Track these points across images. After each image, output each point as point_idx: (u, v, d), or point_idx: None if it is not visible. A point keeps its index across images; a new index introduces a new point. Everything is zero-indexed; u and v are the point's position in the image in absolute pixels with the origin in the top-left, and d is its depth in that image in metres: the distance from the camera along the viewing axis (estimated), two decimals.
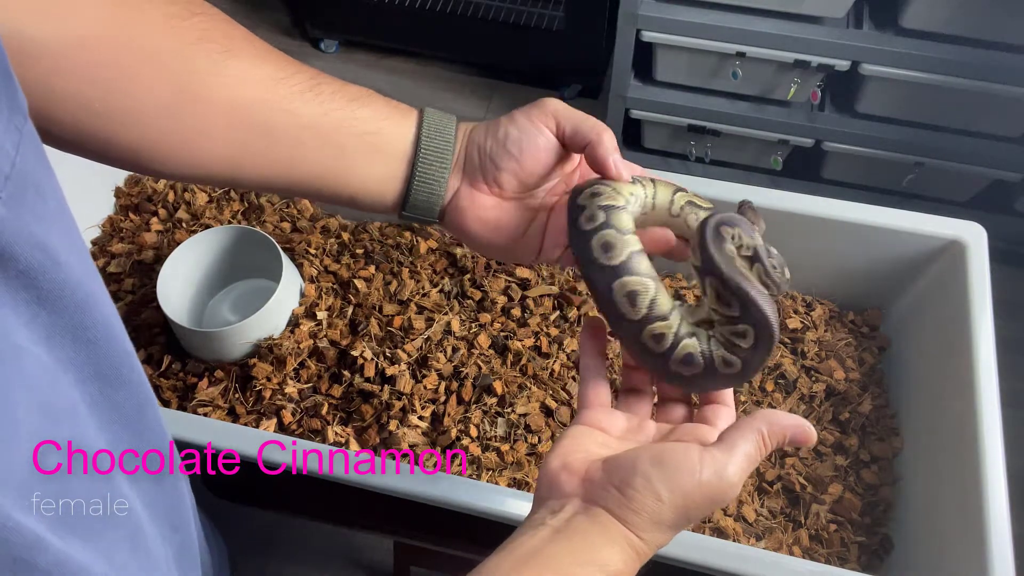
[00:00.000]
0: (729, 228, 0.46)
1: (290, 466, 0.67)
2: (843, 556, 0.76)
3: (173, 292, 0.84)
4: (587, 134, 0.49)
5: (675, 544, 0.63)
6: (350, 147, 0.49)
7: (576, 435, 0.46)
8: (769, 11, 1.46)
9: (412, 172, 0.50)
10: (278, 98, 0.47)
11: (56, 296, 0.29)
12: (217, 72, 0.46)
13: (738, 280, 0.43)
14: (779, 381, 0.84)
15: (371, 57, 2.07)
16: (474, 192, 0.51)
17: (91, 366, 0.32)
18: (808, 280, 0.91)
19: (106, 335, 0.33)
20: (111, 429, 0.34)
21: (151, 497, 0.39)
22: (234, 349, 0.81)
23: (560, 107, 0.50)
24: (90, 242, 0.93)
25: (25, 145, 0.29)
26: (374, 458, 0.67)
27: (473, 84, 2.04)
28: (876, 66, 1.45)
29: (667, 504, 0.40)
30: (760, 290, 0.44)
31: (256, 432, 0.70)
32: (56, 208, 0.31)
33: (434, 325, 0.84)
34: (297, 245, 0.90)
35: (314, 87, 0.49)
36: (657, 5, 1.49)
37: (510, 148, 0.50)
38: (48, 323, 0.29)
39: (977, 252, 0.78)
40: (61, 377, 0.30)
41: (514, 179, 0.51)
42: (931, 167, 1.60)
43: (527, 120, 0.50)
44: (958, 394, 0.73)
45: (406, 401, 0.79)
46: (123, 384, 0.35)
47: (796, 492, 0.78)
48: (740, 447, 0.42)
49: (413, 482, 0.66)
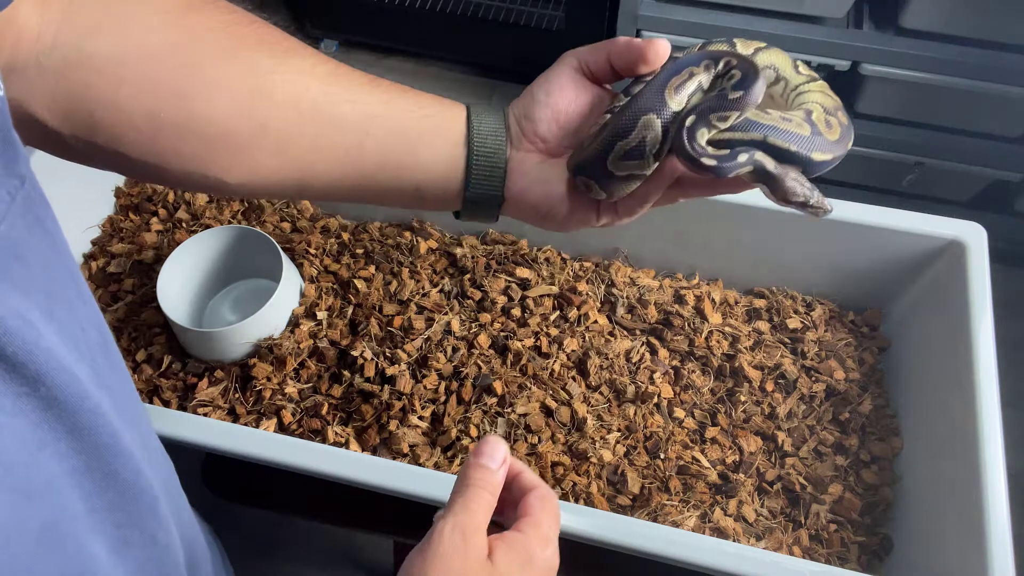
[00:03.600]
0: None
1: (290, 466, 0.67)
2: (843, 556, 0.76)
3: (173, 292, 0.84)
4: (603, 46, 0.48)
5: (675, 544, 0.63)
6: (414, 130, 0.49)
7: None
8: (769, 11, 1.46)
9: (471, 148, 0.50)
10: (341, 89, 0.48)
11: (42, 364, 0.29)
12: (281, 69, 0.46)
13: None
14: (779, 381, 0.84)
15: (371, 57, 2.07)
16: (520, 153, 0.51)
17: (80, 440, 0.32)
18: (808, 280, 0.91)
19: (96, 404, 0.32)
20: (105, 496, 0.34)
21: (142, 562, 0.38)
22: (234, 349, 0.81)
23: (578, 49, 0.50)
24: (90, 242, 0.93)
25: (14, 212, 0.29)
26: (374, 458, 0.67)
27: (473, 84, 2.04)
28: (876, 66, 1.45)
29: None
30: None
31: (256, 432, 0.70)
32: (42, 274, 0.31)
33: (434, 325, 0.84)
34: (297, 245, 0.90)
35: (372, 80, 0.50)
36: (657, 5, 1.49)
37: (538, 96, 0.50)
38: (42, 395, 0.29)
39: (977, 252, 0.78)
40: (45, 449, 0.30)
41: (553, 124, 0.50)
42: (931, 167, 1.60)
43: (549, 71, 0.50)
44: (958, 394, 0.73)
45: (406, 401, 0.79)
46: (117, 453, 0.34)
47: (796, 492, 0.78)
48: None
49: (413, 482, 0.66)
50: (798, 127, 0.44)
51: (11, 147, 0.29)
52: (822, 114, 0.45)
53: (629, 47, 0.47)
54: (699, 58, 0.44)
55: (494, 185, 0.51)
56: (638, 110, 0.44)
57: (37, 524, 0.29)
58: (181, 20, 0.44)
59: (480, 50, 1.99)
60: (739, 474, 0.78)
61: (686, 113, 0.43)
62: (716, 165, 0.42)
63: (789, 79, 0.47)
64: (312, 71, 0.48)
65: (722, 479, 0.78)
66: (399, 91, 0.50)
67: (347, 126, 0.48)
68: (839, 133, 0.45)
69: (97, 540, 0.34)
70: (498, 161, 0.50)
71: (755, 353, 0.85)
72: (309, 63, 0.48)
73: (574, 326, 0.86)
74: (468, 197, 0.51)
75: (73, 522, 0.32)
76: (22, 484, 0.28)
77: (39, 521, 0.29)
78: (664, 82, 0.43)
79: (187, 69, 0.44)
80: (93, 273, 0.90)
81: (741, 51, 0.47)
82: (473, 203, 0.52)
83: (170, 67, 0.43)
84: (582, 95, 0.50)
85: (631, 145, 0.45)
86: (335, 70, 0.49)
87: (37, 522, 0.29)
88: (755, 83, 0.41)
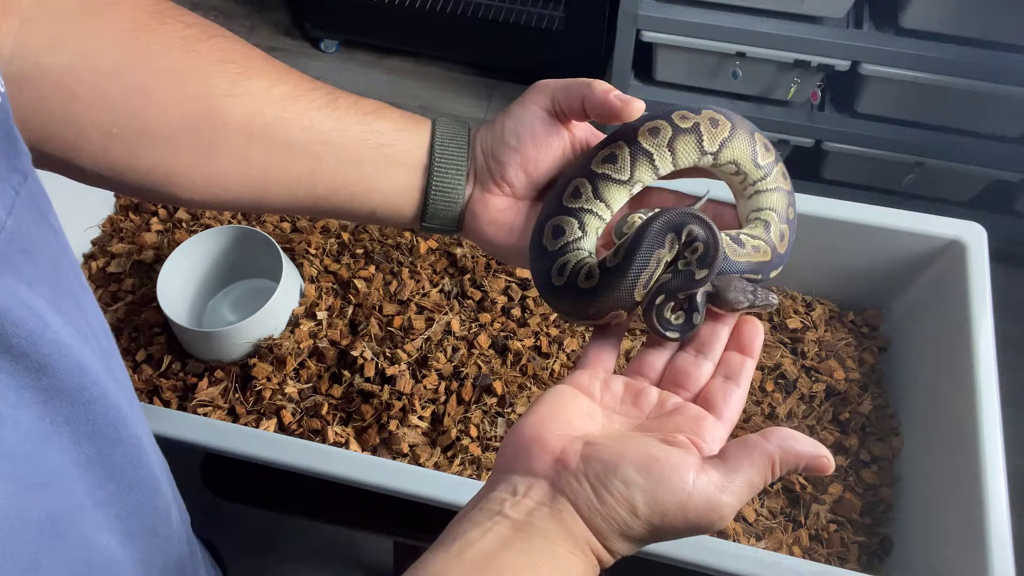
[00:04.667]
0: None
1: (290, 466, 0.67)
2: (843, 556, 0.76)
3: (173, 292, 0.84)
4: (578, 89, 0.47)
5: (675, 544, 0.63)
6: (368, 160, 0.49)
7: (558, 399, 0.41)
8: (769, 11, 1.46)
9: (428, 181, 0.50)
10: (296, 115, 0.47)
11: (45, 356, 0.29)
12: (236, 92, 0.46)
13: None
14: (779, 381, 0.84)
15: (371, 57, 2.07)
16: (486, 195, 0.51)
17: (81, 431, 0.32)
18: (808, 280, 0.91)
19: (102, 393, 0.33)
20: (106, 488, 0.34)
21: (146, 555, 0.39)
22: (234, 349, 0.81)
23: (551, 82, 0.49)
24: (90, 242, 0.93)
25: (20, 207, 0.29)
26: (374, 458, 0.67)
27: (473, 84, 2.04)
28: (876, 66, 1.45)
29: (641, 520, 0.36)
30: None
31: (256, 432, 0.70)
32: (48, 268, 0.31)
33: (434, 325, 0.84)
34: (297, 245, 0.90)
35: (330, 103, 0.49)
36: (657, 5, 1.49)
37: (508, 139, 0.49)
38: (44, 386, 0.29)
39: (977, 252, 0.78)
40: (49, 441, 0.30)
41: (520, 172, 0.49)
42: (931, 167, 1.60)
43: (520, 107, 0.49)
44: (958, 394, 0.73)
45: (406, 401, 0.79)
46: (117, 444, 0.35)
47: (796, 492, 0.78)
48: (743, 472, 0.37)
49: (413, 482, 0.66)
50: (763, 255, 0.47)
51: (14, 143, 0.29)
52: (777, 225, 0.49)
53: (605, 103, 0.46)
54: (662, 233, 0.44)
55: (450, 219, 0.51)
56: (609, 305, 0.45)
57: (42, 515, 0.29)
58: (136, 40, 0.43)
59: (480, 50, 1.99)
60: None
61: (655, 291, 0.45)
62: (679, 336, 0.46)
63: (748, 174, 0.49)
64: (267, 94, 0.47)
65: None
66: (359, 114, 0.49)
67: (299, 152, 0.48)
68: (788, 240, 0.49)
69: (105, 531, 0.34)
70: (456, 196, 0.50)
71: None
72: (265, 84, 0.47)
73: (574, 326, 0.86)
74: (424, 227, 0.52)
75: (80, 513, 0.32)
76: (25, 475, 0.29)
77: (44, 512, 0.29)
78: (635, 277, 0.44)
79: (139, 90, 0.43)
80: (93, 273, 0.90)
81: (708, 145, 0.47)
82: (429, 230, 0.52)
83: (123, 87, 0.43)
84: (552, 142, 0.49)
85: (599, 324, 0.48)
86: (291, 92, 0.48)
87: (41, 513, 0.29)
88: (716, 259, 0.44)
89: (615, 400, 0.43)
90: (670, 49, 1.55)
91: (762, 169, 0.49)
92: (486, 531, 0.36)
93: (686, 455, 0.37)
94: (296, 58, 2.00)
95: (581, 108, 0.47)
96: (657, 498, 0.36)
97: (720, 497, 0.36)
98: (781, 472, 0.37)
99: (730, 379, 0.43)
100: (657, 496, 0.36)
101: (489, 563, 0.34)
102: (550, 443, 0.38)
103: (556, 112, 0.49)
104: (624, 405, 0.43)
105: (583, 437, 0.39)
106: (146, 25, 0.44)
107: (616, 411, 0.42)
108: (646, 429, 0.41)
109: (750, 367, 0.44)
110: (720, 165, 0.49)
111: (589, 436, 0.39)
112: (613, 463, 0.37)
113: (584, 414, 0.41)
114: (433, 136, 0.50)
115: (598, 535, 0.36)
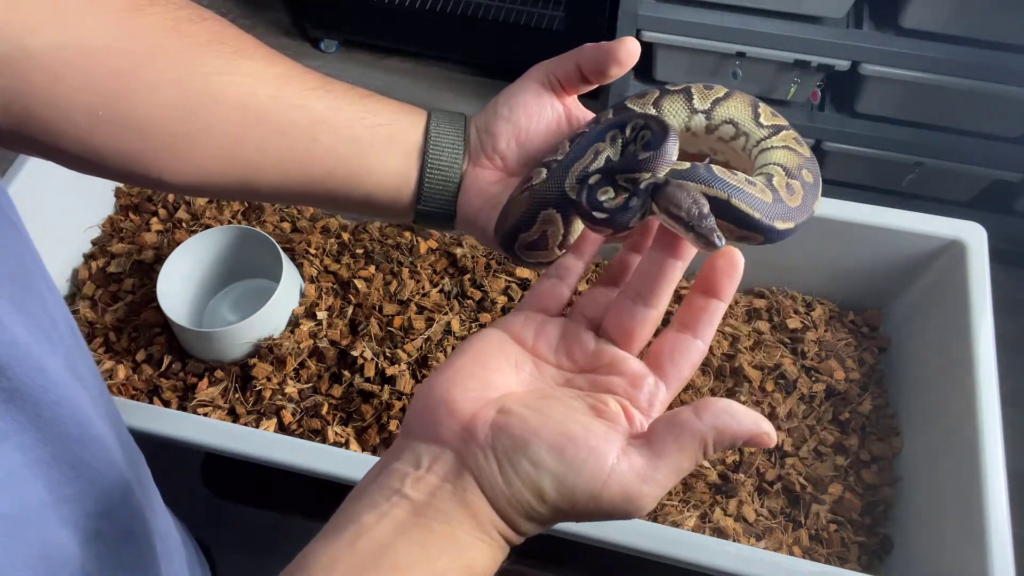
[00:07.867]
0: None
1: (290, 466, 0.67)
2: (843, 556, 0.76)
3: (173, 292, 0.84)
4: (570, 55, 0.46)
5: (675, 544, 0.63)
6: (365, 139, 0.48)
7: (483, 346, 0.37)
8: (769, 11, 1.46)
9: (424, 160, 0.49)
10: (290, 94, 0.47)
11: (3, 356, 0.29)
12: (228, 71, 0.45)
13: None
14: (779, 381, 0.84)
15: (371, 57, 2.07)
16: (477, 169, 0.49)
17: (44, 431, 0.32)
18: (808, 280, 0.91)
19: (64, 393, 0.32)
20: (73, 485, 0.34)
21: (116, 552, 0.38)
22: (234, 349, 0.81)
23: (547, 60, 0.48)
24: (90, 242, 0.93)
25: None
26: (374, 458, 0.67)
27: (473, 84, 2.04)
28: (876, 66, 1.45)
29: (549, 504, 0.33)
30: None
31: (256, 432, 0.70)
32: (10, 265, 0.31)
33: (434, 325, 0.84)
34: (297, 245, 0.90)
35: (324, 85, 0.48)
36: (657, 5, 1.49)
37: (500, 110, 0.48)
38: (3, 387, 0.29)
39: (977, 252, 0.78)
40: (8, 440, 0.30)
41: (513, 142, 0.48)
42: (931, 167, 1.60)
43: (515, 83, 0.49)
44: (958, 394, 0.73)
45: (406, 401, 0.79)
46: (86, 443, 0.34)
47: (796, 492, 0.78)
48: (670, 457, 0.33)
49: None
50: (761, 192, 0.40)
51: None
52: (783, 178, 0.42)
53: (598, 50, 0.45)
54: (605, 129, 0.41)
55: (446, 200, 0.50)
56: (537, 203, 0.41)
57: None
58: (126, 20, 0.43)
59: (480, 50, 1.99)
60: (739, 474, 0.78)
61: (591, 174, 0.39)
62: (608, 219, 0.37)
63: (750, 133, 0.44)
64: (261, 74, 0.46)
65: (722, 479, 0.78)
66: (354, 96, 0.49)
67: (294, 132, 0.47)
68: (801, 197, 0.42)
69: (66, 530, 0.34)
70: (452, 176, 0.49)
71: (755, 353, 0.85)
72: (259, 65, 0.46)
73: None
74: (419, 211, 0.50)
75: (38, 511, 0.32)
76: None
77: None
78: (565, 169, 0.40)
79: (127, 70, 0.43)
80: (93, 273, 0.90)
81: (699, 103, 0.44)
82: (424, 216, 0.51)
83: (110, 67, 0.42)
84: (545, 112, 0.48)
85: (533, 238, 0.43)
86: (286, 72, 0.47)
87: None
88: (666, 140, 0.38)
89: (549, 348, 0.38)
90: (670, 49, 1.55)
91: (765, 128, 0.43)
92: (382, 515, 0.33)
93: (608, 434, 0.33)
94: (296, 58, 1.98)
95: (576, 71, 0.46)
96: (568, 484, 0.32)
97: (640, 488, 0.33)
98: (715, 451, 0.34)
99: (686, 329, 0.37)
100: (568, 483, 0.32)
101: (383, 556, 0.31)
102: (460, 407, 0.34)
103: (552, 85, 0.48)
104: (558, 354, 0.38)
105: (498, 401, 0.35)
106: (135, 6, 0.43)
107: (549, 360, 0.38)
108: (577, 386, 0.37)
109: (716, 313, 0.37)
110: (716, 127, 0.45)
111: (506, 399, 0.35)
112: (524, 440, 0.33)
113: (511, 365, 0.37)
114: (429, 118, 0.50)
115: (503, 516, 0.33)
